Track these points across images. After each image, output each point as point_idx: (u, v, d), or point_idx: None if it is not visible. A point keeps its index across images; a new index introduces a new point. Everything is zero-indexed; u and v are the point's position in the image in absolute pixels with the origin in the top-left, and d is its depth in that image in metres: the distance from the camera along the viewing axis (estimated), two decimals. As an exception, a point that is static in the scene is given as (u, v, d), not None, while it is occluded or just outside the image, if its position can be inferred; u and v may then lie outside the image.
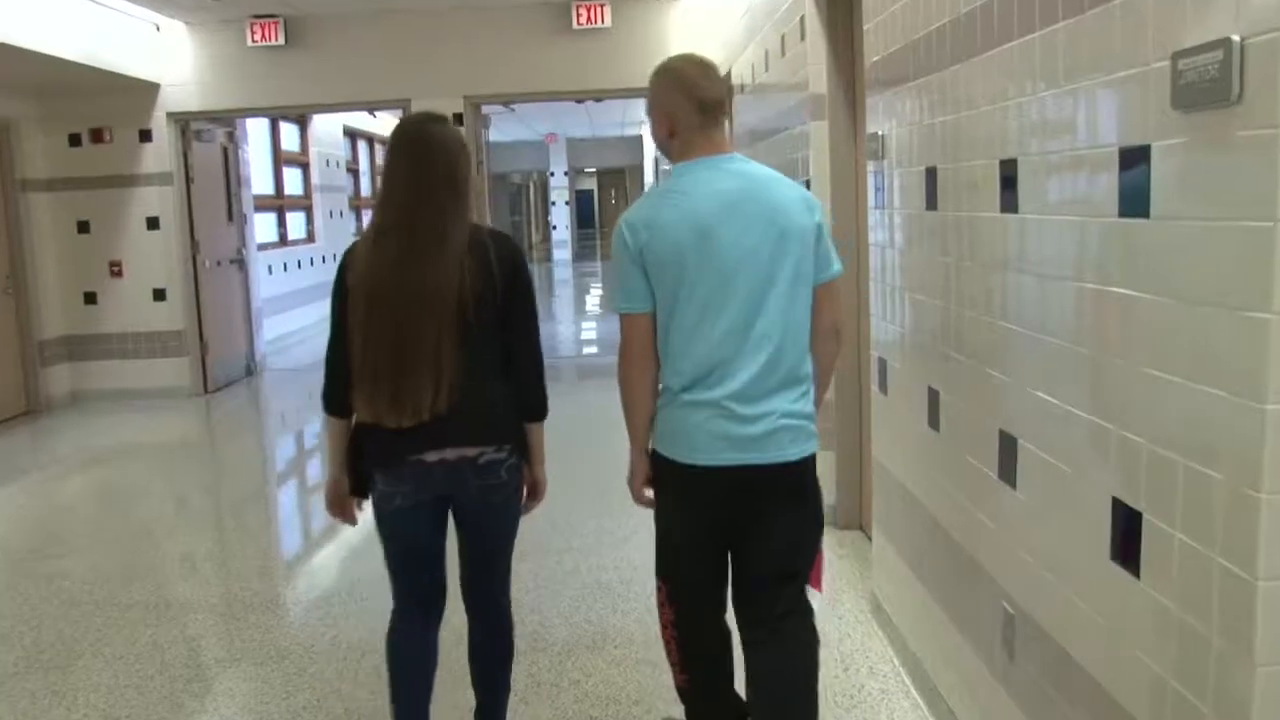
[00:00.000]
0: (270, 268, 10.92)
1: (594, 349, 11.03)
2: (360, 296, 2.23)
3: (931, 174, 2.72)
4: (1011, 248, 2.20)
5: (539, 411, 2.36)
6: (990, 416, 2.34)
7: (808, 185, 4.46)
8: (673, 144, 2.30)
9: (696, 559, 2.28)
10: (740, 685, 2.43)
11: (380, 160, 16.25)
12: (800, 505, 2.24)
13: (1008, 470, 2.25)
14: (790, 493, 2.21)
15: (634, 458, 2.32)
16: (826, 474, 4.38)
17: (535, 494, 2.46)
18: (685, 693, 2.45)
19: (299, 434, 7.66)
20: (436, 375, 2.19)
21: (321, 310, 12.41)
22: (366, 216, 15.70)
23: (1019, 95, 2.13)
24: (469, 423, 2.25)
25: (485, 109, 8.78)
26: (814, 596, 2.35)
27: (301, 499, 5.89)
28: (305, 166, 12.55)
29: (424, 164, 2.25)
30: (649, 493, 2.33)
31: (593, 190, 36.95)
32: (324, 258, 12.96)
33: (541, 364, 2.36)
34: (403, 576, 2.41)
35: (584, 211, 35.23)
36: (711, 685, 2.42)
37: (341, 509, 2.41)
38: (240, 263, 9.23)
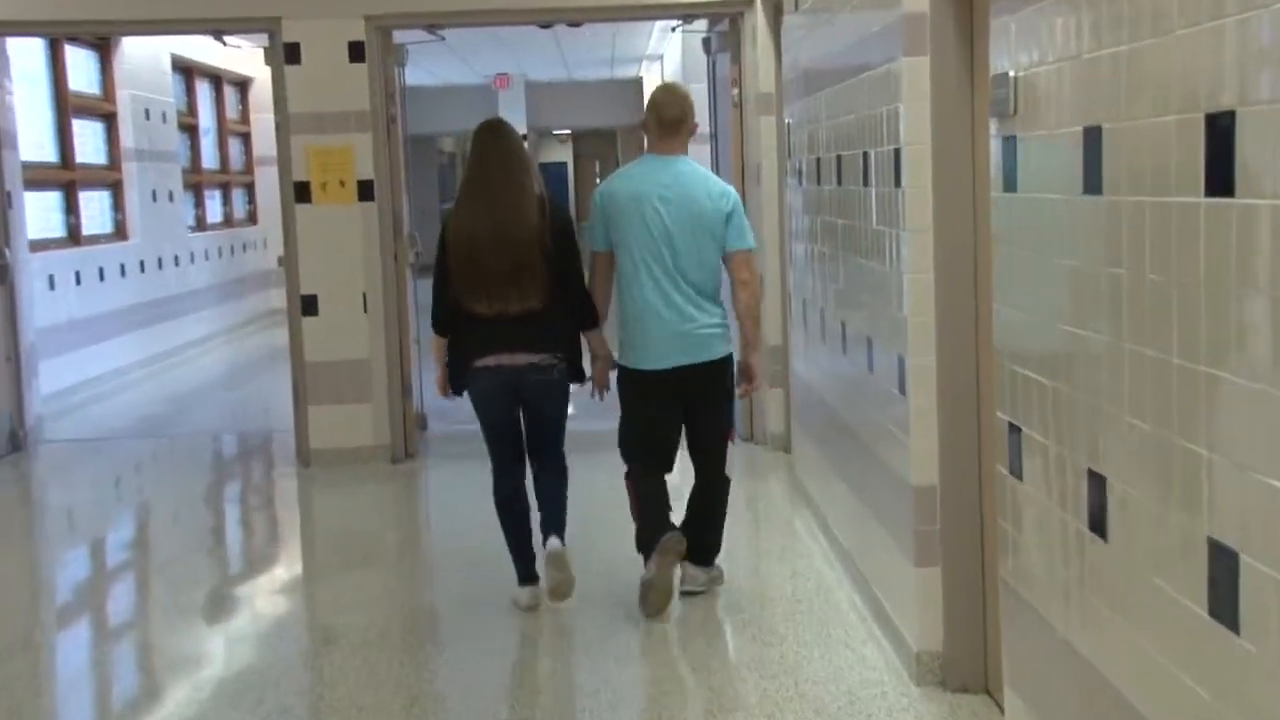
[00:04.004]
0: (52, 279, 10.89)
1: (570, 409, 10.83)
2: (461, 242, 5.20)
3: (1094, 136, 2.73)
4: (1228, 251, 2.18)
5: (588, 323, 5.43)
6: (1193, 516, 2.32)
7: (896, 155, 4.48)
8: (647, 145, 5.73)
9: (654, 425, 5.40)
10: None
11: (237, 110, 16.48)
12: (720, 381, 5.43)
13: (1225, 605, 2.22)
14: (713, 377, 5.36)
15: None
16: (924, 596, 4.43)
17: (587, 378, 5.52)
18: (635, 509, 5.44)
19: (96, 543, 7.56)
20: (520, 288, 5.14)
21: (145, 345, 12.49)
22: (214, 200, 15.74)
23: (1241, 8, 2.11)
24: (533, 338, 5.21)
25: (399, 36, 8.83)
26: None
27: (99, 646, 5.81)
28: (111, 119, 12.61)
29: (502, 145, 5.32)
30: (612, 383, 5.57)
31: (566, 163, 36.96)
32: (144, 264, 12.84)
33: (586, 289, 5.42)
34: (493, 444, 5.48)
35: (552, 194, 35.13)
36: (655, 499, 5.43)
37: (443, 391, 5.55)
38: (0, 270, 9.20)
